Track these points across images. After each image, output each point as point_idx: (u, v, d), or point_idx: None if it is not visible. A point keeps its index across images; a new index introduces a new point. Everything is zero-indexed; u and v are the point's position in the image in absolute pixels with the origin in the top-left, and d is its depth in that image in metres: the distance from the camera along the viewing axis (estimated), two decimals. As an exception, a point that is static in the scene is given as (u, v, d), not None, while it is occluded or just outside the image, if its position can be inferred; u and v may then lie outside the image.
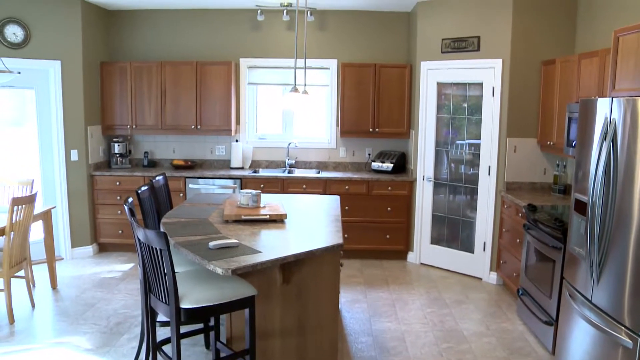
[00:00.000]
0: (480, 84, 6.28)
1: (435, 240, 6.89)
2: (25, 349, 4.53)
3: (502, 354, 4.53)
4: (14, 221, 4.88)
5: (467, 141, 6.52)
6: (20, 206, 4.93)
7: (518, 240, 5.50)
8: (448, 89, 6.64)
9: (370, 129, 7.18)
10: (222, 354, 3.94)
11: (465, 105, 6.50)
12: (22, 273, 5.48)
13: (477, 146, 6.38)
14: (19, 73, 5.33)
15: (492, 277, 6.31)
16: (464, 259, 6.59)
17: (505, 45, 5.97)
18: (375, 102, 7.14)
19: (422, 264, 7.01)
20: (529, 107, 6.03)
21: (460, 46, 6.36)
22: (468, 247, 6.57)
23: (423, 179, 6.86)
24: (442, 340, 4.77)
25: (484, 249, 6.36)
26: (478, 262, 6.45)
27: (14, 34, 6.35)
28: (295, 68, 5.38)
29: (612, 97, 3.49)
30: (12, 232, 4.88)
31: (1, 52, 6.07)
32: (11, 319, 5.02)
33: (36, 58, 6.52)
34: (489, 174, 6.25)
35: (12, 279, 5.12)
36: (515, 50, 5.94)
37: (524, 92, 6.00)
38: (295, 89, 5.15)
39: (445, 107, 6.69)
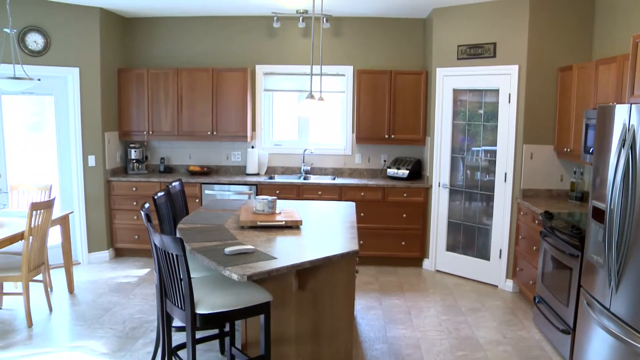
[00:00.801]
0: (497, 91, 6.25)
1: (450, 247, 6.86)
2: (42, 352, 4.57)
3: (518, 362, 4.50)
4: (32, 226, 4.93)
5: (482, 148, 6.49)
6: (38, 211, 4.99)
7: (534, 248, 5.46)
8: (464, 95, 6.63)
9: (386, 136, 7.18)
10: (237, 360, 3.95)
11: (481, 111, 6.48)
12: (40, 277, 5.54)
13: (493, 153, 6.35)
14: (39, 80, 5.39)
15: (508, 285, 6.26)
16: (480, 266, 6.56)
17: (522, 51, 5.94)
18: (390, 108, 7.14)
19: (437, 271, 6.98)
20: (545, 114, 5.99)
21: (476, 52, 6.35)
22: (484, 254, 6.54)
23: (439, 186, 6.84)
24: (458, 348, 4.74)
25: (500, 256, 6.32)
26: (494, 270, 6.41)
27: (34, 41, 6.44)
28: (312, 75, 5.39)
29: (631, 104, 3.47)
30: (30, 237, 4.94)
31: (22, 59, 6.14)
32: (29, 322, 5.07)
33: (55, 65, 6.60)
34: (505, 181, 6.22)
35: (30, 283, 5.17)
36: (532, 57, 5.91)
37: (541, 99, 5.97)
38: (311, 96, 5.16)
39: (461, 113, 6.67)
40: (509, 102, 6.10)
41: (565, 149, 5.63)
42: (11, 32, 5.43)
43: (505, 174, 6.21)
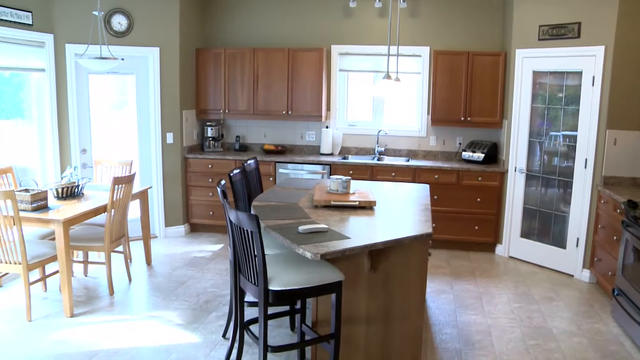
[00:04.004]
0: (579, 73, 6.01)
1: (525, 234, 6.69)
2: (123, 319, 4.80)
3: (593, 356, 4.34)
4: (114, 199, 5.15)
5: (562, 132, 6.27)
6: (120, 185, 5.20)
7: (615, 238, 5.25)
8: (544, 78, 6.40)
9: (462, 118, 7.04)
10: (307, 337, 4.00)
11: (562, 95, 6.24)
12: (120, 248, 5.78)
13: (573, 138, 6.12)
14: (123, 59, 5.59)
15: (585, 275, 6.06)
16: (555, 255, 6.37)
17: (609, 31, 5.66)
18: (467, 90, 6.99)
19: (510, 257, 6.83)
20: (633, 98, 5.69)
21: (559, 33, 6.11)
22: (560, 242, 6.34)
23: (515, 171, 6.67)
24: (530, 337, 4.65)
25: (577, 245, 6.12)
26: (570, 259, 6.22)
27: (119, 23, 6.67)
28: (388, 55, 5.34)
29: None
30: (112, 210, 5.16)
31: (108, 40, 6.38)
32: (111, 291, 5.33)
33: (137, 45, 6.81)
34: (585, 167, 5.99)
35: (111, 254, 5.41)
36: (620, 37, 5.62)
37: (628, 82, 5.68)
38: (387, 76, 5.12)
39: (539, 96, 6.45)
40: (593, 85, 5.85)
41: (652, 136, 5.36)
42: (99, 14, 5.64)
43: (586, 160, 5.98)
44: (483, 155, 6.94)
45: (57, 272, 4.97)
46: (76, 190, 5.45)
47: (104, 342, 4.37)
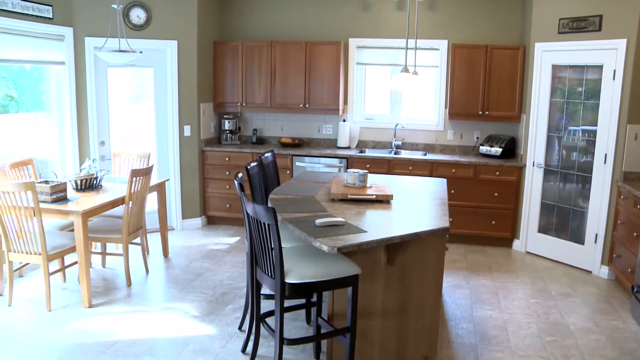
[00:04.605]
0: (600, 67, 5.93)
1: (543, 229, 6.64)
2: (140, 310, 4.85)
3: (611, 353, 4.30)
4: (132, 191, 5.18)
5: (581, 127, 6.20)
6: (138, 178, 5.23)
7: (635, 234, 5.19)
8: (563, 71, 6.33)
9: (480, 112, 7.00)
10: (323, 330, 4.01)
11: (581, 89, 6.18)
12: (138, 240, 5.82)
13: (592, 132, 6.05)
14: (141, 52, 5.63)
15: (603, 271, 6.00)
16: (573, 250, 6.32)
17: (632, 24, 5.57)
18: (485, 84, 6.93)
19: (527, 252, 6.79)
20: (654, 93, 5.63)
21: (580, 26, 6.04)
22: (578, 238, 6.29)
23: (533, 165, 6.62)
24: (546, 333, 4.62)
25: (596, 241, 6.06)
26: (588, 255, 6.16)
27: (137, 16, 6.71)
28: (407, 48, 5.31)
29: None
30: (130, 202, 5.19)
31: (126, 33, 6.41)
32: (129, 282, 5.38)
33: (155, 38, 6.84)
34: (604, 163, 5.93)
35: (129, 245, 5.46)
36: (642, 31, 5.55)
37: (650, 76, 5.61)
38: (405, 70, 5.10)
39: (559, 90, 6.39)
40: (614, 79, 5.78)
41: (674, 131, 5.29)
42: (118, 7, 5.67)
43: (605, 155, 5.91)
44: (501, 149, 6.89)
45: (75, 263, 5.03)
46: (95, 182, 5.50)
47: (122, 332, 4.41)
